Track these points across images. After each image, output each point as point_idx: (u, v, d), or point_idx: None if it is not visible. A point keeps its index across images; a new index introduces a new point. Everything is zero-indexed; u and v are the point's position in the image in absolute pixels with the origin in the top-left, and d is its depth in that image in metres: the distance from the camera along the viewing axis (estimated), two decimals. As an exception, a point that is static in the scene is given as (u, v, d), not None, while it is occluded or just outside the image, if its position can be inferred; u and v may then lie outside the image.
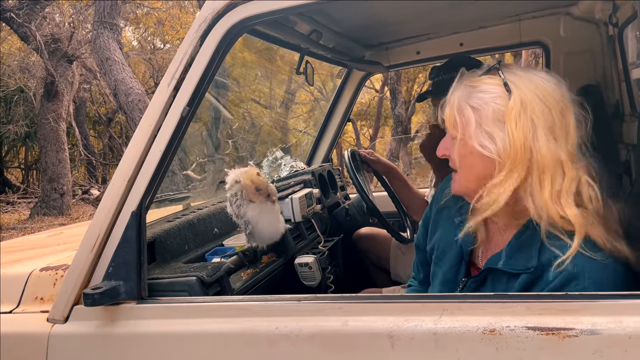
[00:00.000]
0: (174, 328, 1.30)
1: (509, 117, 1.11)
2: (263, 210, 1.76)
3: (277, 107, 15.10)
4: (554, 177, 1.11)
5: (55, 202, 11.49)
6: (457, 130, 1.19)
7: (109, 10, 8.44)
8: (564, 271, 1.07)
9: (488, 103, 1.15)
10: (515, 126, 1.11)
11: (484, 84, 1.17)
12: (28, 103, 13.98)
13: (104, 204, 1.38)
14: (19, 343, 1.47)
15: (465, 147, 1.19)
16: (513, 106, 1.11)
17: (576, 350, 0.99)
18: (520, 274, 1.14)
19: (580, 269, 1.06)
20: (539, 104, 1.12)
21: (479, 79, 1.19)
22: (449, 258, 1.34)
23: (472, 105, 1.16)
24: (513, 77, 1.15)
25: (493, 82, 1.16)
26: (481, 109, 1.15)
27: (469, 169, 1.20)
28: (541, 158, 1.10)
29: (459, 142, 1.20)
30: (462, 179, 1.23)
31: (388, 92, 14.93)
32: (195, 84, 1.33)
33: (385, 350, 1.10)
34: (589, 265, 1.06)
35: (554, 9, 2.27)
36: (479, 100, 1.16)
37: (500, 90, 1.14)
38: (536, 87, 1.13)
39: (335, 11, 2.00)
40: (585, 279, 1.06)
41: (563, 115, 1.13)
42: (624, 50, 2.01)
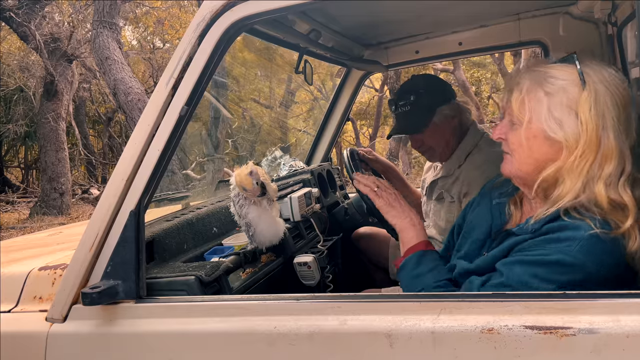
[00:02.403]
0: (173, 327, 1.30)
1: (583, 106, 1.15)
2: (264, 212, 1.77)
3: (277, 107, 15.10)
4: (617, 165, 1.15)
5: (54, 202, 11.49)
6: (523, 113, 1.22)
7: (109, 10, 8.44)
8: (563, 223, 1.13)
9: (561, 90, 1.18)
10: (588, 115, 1.15)
11: (557, 71, 1.21)
12: (28, 102, 13.99)
13: (103, 203, 1.38)
14: (18, 342, 1.47)
15: (530, 129, 1.21)
16: (588, 95, 1.15)
17: (574, 349, 0.99)
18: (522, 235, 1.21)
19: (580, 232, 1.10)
20: (610, 97, 1.16)
21: (551, 66, 1.22)
22: (477, 233, 1.40)
23: (546, 89, 1.19)
24: (586, 68, 1.19)
25: (566, 70, 1.20)
26: (554, 95, 1.19)
27: (530, 151, 1.23)
28: (609, 146, 1.15)
29: (525, 124, 1.22)
30: (519, 161, 1.26)
31: (388, 91, 14.93)
32: (193, 83, 1.33)
33: (383, 349, 1.10)
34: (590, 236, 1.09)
35: (553, 8, 2.27)
36: (553, 85, 1.19)
37: (574, 79, 1.18)
38: (607, 81, 1.18)
39: (334, 10, 2.00)
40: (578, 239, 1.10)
41: (627, 110, 1.19)
42: (623, 49, 2.01)
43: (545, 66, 1.23)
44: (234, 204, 1.79)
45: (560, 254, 1.10)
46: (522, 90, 1.23)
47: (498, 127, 1.32)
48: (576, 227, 1.12)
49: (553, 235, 1.14)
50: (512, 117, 1.26)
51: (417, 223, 1.52)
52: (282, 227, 1.89)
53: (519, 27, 2.39)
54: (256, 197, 1.75)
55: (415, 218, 1.53)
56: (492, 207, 1.42)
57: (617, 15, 1.96)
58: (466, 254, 1.39)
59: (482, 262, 1.28)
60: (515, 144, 1.26)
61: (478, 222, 1.43)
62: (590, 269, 1.08)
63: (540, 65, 1.24)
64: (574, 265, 1.09)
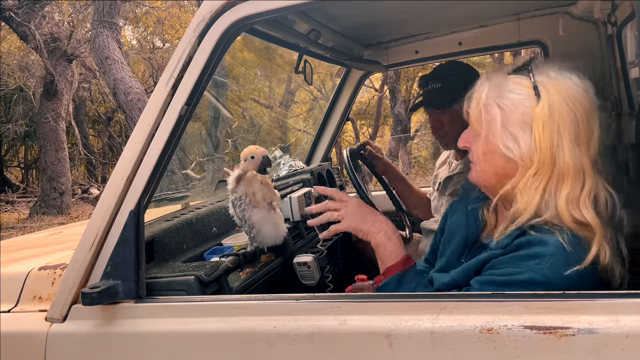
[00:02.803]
0: (172, 327, 1.30)
1: (537, 122, 1.12)
2: (267, 215, 1.77)
3: (277, 106, 15.10)
4: (574, 182, 1.12)
5: (54, 201, 11.50)
6: (481, 127, 1.20)
7: (108, 9, 8.45)
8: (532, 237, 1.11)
9: (516, 105, 1.15)
10: (542, 131, 1.12)
11: (513, 83, 1.17)
12: (27, 102, 13.99)
13: (102, 203, 1.38)
14: (18, 342, 1.47)
15: (487, 144, 1.20)
16: (541, 111, 1.12)
17: (573, 349, 0.99)
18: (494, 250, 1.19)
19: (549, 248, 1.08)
20: (566, 110, 1.12)
21: (508, 78, 1.19)
22: (455, 241, 1.37)
23: (500, 104, 1.17)
24: (544, 79, 1.15)
25: (523, 83, 1.16)
26: (508, 110, 1.16)
27: (489, 164, 1.22)
28: (564, 164, 1.12)
29: (483, 138, 1.21)
30: (481, 172, 1.25)
31: (387, 91, 14.93)
32: (193, 82, 1.33)
33: (383, 349, 1.10)
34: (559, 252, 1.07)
35: (553, 8, 2.27)
36: (507, 100, 1.16)
37: (529, 93, 1.14)
38: (566, 93, 1.13)
39: (334, 10, 2.01)
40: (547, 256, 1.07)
41: (589, 122, 1.14)
42: (623, 49, 2.01)
43: (504, 77, 1.20)
44: (234, 207, 1.78)
45: (531, 272, 1.08)
46: (479, 101, 1.20)
47: (463, 135, 1.30)
48: (544, 242, 1.09)
49: (522, 252, 1.12)
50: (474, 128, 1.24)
51: (391, 235, 1.46)
52: (284, 227, 1.88)
53: (519, 27, 2.39)
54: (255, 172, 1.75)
55: (389, 229, 1.47)
56: (468, 212, 1.39)
57: (617, 16, 1.96)
58: (447, 264, 1.35)
59: (457, 274, 1.25)
60: (476, 156, 1.25)
61: (456, 229, 1.40)
62: (560, 286, 1.06)
63: (499, 75, 1.21)
64: (544, 283, 1.07)
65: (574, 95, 1.13)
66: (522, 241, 1.13)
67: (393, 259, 1.42)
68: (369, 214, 1.50)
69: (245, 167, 1.74)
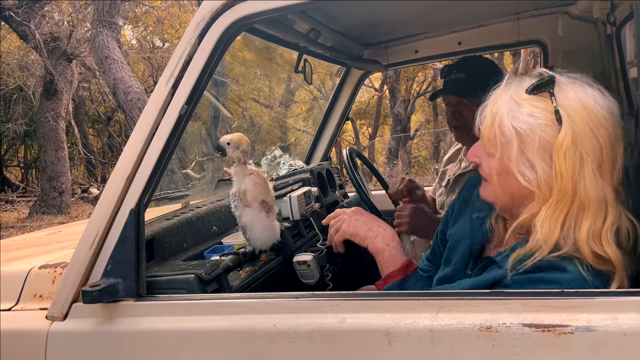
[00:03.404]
0: (173, 325, 1.30)
1: (558, 151, 1.04)
2: (258, 216, 1.73)
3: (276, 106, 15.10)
4: (596, 214, 1.05)
5: (54, 201, 11.50)
6: (495, 148, 1.12)
7: (108, 9, 8.45)
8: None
9: (535, 130, 1.06)
10: (564, 161, 1.04)
11: (532, 106, 1.08)
12: (27, 101, 13.99)
13: (103, 202, 1.39)
14: (18, 340, 1.47)
15: (502, 166, 1.12)
16: (563, 139, 1.03)
17: (572, 347, 0.99)
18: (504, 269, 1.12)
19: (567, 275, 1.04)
20: (590, 138, 1.04)
21: (527, 98, 1.08)
22: (460, 250, 1.32)
23: (517, 127, 1.08)
24: (565, 101, 1.06)
25: (543, 105, 1.07)
26: (526, 135, 1.07)
27: (504, 186, 1.14)
28: (585, 195, 1.04)
29: (497, 160, 1.13)
30: (495, 192, 1.17)
31: (387, 90, 14.94)
32: (193, 82, 1.33)
33: (382, 347, 1.11)
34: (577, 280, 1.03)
35: (552, 8, 2.27)
36: (524, 124, 1.07)
37: (550, 118, 1.05)
38: (589, 117, 1.04)
39: (334, 10, 2.01)
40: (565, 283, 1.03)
41: (613, 148, 1.06)
42: (622, 49, 2.01)
43: (523, 96, 1.09)
44: (232, 202, 1.79)
45: None
46: (494, 120, 1.11)
47: (473, 149, 1.21)
48: (563, 268, 1.04)
49: (538, 275, 1.06)
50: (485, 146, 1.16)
51: (389, 240, 1.41)
52: (278, 231, 1.85)
53: (518, 26, 2.40)
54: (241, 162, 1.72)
55: (386, 235, 1.42)
56: (473, 221, 1.33)
57: (616, 15, 1.96)
58: (452, 274, 1.31)
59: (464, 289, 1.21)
60: (488, 174, 1.17)
61: (461, 236, 1.34)
62: None
63: (517, 90, 1.10)
64: None
65: (598, 120, 1.05)
66: (540, 264, 1.06)
67: (392, 265, 1.39)
68: (366, 220, 1.47)
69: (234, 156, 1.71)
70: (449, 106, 2.29)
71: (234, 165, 1.73)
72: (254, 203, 1.71)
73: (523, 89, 1.10)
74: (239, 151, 1.70)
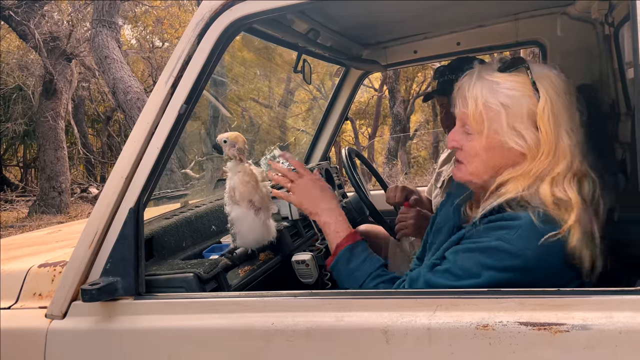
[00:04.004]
0: (172, 324, 1.31)
1: (542, 117, 1.17)
2: (245, 215, 1.72)
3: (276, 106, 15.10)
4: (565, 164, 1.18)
5: (53, 201, 11.49)
6: (482, 125, 1.22)
7: (108, 9, 8.45)
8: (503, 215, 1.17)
9: (520, 101, 1.19)
10: (547, 125, 1.17)
11: (510, 81, 1.21)
12: (27, 101, 13.98)
13: (102, 201, 1.39)
14: (18, 338, 1.48)
15: (490, 141, 1.23)
16: (544, 106, 1.17)
17: (567, 345, 1.00)
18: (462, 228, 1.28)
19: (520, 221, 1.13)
20: (561, 102, 1.19)
21: (503, 75, 1.22)
22: (442, 236, 1.41)
23: (502, 102, 1.20)
24: (536, 75, 1.20)
25: (519, 79, 1.20)
26: (512, 107, 1.19)
27: (486, 161, 1.25)
28: (563, 149, 1.18)
29: (485, 137, 1.23)
30: (475, 170, 1.28)
31: (387, 91, 14.94)
32: (192, 81, 1.34)
33: (379, 345, 1.12)
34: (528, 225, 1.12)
35: (551, 8, 2.28)
36: (508, 98, 1.20)
37: (529, 89, 1.19)
38: (556, 86, 1.20)
39: (333, 10, 2.01)
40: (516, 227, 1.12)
41: (573, 108, 1.22)
42: (620, 49, 2.02)
43: (497, 75, 1.22)
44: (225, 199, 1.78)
45: (499, 241, 1.14)
46: (477, 100, 1.22)
47: (452, 134, 1.32)
48: (516, 216, 1.15)
49: (494, 223, 1.17)
50: (467, 126, 1.26)
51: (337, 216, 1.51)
52: (271, 231, 1.82)
53: (517, 27, 2.41)
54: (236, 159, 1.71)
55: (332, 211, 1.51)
56: (454, 208, 1.43)
57: (614, 16, 1.97)
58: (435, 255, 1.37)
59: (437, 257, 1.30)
60: (471, 154, 1.27)
61: (443, 223, 1.45)
62: (527, 257, 1.11)
63: (492, 74, 1.23)
64: (510, 252, 1.12)
65: (562, 87, 1.21)
66: (496, 216, 1.18)
67: (339, 237, 1.47)
68: (317, 194, 1.54)
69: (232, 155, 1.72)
70: (443, 107, 2.31)
71: (229, 163, 1.73)
72: (242, 201, 1.70)
73: (494, 70, 1.23)
74: (235, 149, 1.71)
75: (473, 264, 1.16)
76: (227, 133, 1.73)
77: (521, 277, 1.12)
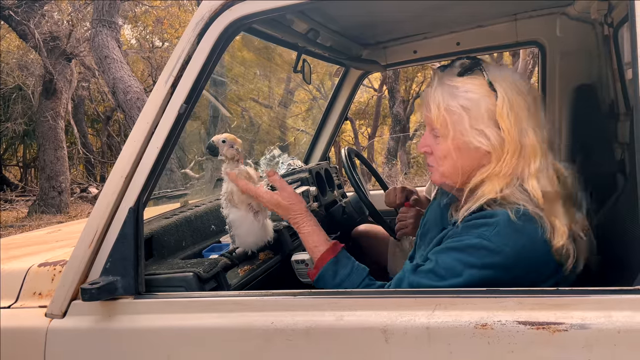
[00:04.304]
0: (171, 323, 1.31)
1: (501, 115, 1.21)
2: (245, 218, 1.71)
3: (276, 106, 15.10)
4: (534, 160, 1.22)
5: (53, 200, 11.49)
6: (447, 129, 1.26)
7: (108, 8, 8.45)
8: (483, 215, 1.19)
9: (478, 103, 1.23)
10: (508, 122, 1.21)
11: (468, 83, 1.25)
12: (26, 101, 13.97)
13: (102, 200, 1.39)
14: (17, 338, 1.48)
15: (454, 143, 1.26)
16: (502, 104, 1.21)
17: (566, 344, 1.00)
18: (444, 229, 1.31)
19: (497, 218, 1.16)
20: (520, 99, 1.23)
21: (461, 80, 1.26)
22: (430, 236, 1.42)
23: (462, 104, 1.24)
24: (492, 74, 1.24)
25: (476, 81, 1.24)
26: (472, 109, 1.23)
27: (455, 162, 1.28)
28: (531, 145, 1.22)
29: (451, 139, 1.26)
30: (447, 172, 1.31)
31: (386, 91, 14.94)
32: (192, 81, 1.34)
33: (379, 344, 1.12)
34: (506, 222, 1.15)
35: (550, 8, 2.28)
36: (467, 101, 1.24)
37: (486, 90, 1.23)
38: (513, 84, 1.24)
39: (333, 10, 2.02)
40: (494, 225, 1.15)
41: (536, 105, 1.26)
42: (619, 50, 2.02)
43: (457, 80, 1.26)
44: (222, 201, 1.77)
45: (478, 238, 1.16)
46: (439, 106, 1.26)
47: (422, 139, 1.36)
48: (494, 213, 1.18)
49: (473, 221, 1.20)
50: (434, 130, 1.30)
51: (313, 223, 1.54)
52: (269, 231, 1.82)
53: (516, 27, 2.41)
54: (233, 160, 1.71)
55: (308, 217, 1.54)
56: (442, 208, 1.45)
57: (614, 16, 1.98)
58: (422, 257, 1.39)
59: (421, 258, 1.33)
60: (440, 157, 1.31)
61: (432, 224, 1.47)
62: (507, 253, 1.13)
63: (452, 79, 1.27)
64: (489, 248, 1.14)
65: (519, 84, 1.25)
66: (474, 215, 1.21)
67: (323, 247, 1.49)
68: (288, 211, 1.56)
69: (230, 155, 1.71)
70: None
71: (226, 164, 1.73)
72: (240, 204, 1.70)
73: (453, 75, 1.27)
74: (234, 149, 1.71)
75: (455, 262, 1.18)
76: (222, 134, 1.73)
77: (501, 274, 1.15)
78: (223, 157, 1.71)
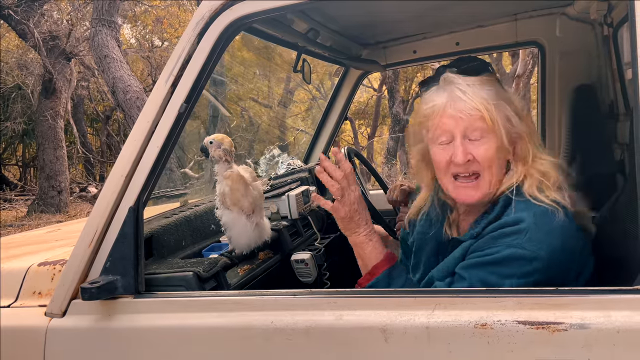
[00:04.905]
0: (171, 322, 1.31)
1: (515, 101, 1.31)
2: (237, 219, 1.71)
3: (275, 106, 15.09)
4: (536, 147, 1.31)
5: (52, 200, 11.48)
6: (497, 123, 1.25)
7: (108, 8, 8.44)
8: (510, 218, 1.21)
9: (512, 99, 1.31)
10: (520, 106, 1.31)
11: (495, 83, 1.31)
12: (26, 100, 13.95)
13: (102, 200, 1.39)
14: (17, 337, 1.48)
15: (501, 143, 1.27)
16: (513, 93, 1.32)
17: (565, 344, 1.00)
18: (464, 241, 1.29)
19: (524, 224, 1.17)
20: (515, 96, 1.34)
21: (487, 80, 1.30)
22: (426, 250, 1.42)
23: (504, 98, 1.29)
24: None
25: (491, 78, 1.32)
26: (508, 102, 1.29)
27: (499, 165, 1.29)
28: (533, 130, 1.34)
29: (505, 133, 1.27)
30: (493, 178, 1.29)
31: (386, 91, 14.93)
32: (192, 81, 1.34)
33: (378, 343, 1.12)
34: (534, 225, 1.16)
35: (550, 9, 2.28)
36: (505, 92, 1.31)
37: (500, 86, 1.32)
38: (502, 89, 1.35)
39: (333, 10, 2.02)
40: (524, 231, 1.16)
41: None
42: (619, 50, 2.02)
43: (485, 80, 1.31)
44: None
45: (511, 248, 1.15)
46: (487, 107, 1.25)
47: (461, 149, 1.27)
48: (519, 219, 1.18)
49: (499, 231, 1.19)
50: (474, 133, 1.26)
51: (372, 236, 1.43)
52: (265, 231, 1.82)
53: (516, 27, 2.41)
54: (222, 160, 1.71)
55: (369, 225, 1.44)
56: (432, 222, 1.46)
57: (613, 17, 1.98)
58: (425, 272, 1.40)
59: (439, 271, 1.30)
60: (486, 160, 1.27)
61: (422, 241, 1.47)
62: (542, 257, 1.13)
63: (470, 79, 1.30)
64: (525, 257, 1.14)
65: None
66: (497, 224, 1.21)
67: (375, 257, 1.40)
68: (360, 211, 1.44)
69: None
70: None
71: (218, 164, 1.72)
72: (232, 206, 1.70)
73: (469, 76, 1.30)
74: (221, 150, 1.70)
75: (491, 276, 1.16)
76: (213, 135, 1.73)
77: (540, 277, 1.13)
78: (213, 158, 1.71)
